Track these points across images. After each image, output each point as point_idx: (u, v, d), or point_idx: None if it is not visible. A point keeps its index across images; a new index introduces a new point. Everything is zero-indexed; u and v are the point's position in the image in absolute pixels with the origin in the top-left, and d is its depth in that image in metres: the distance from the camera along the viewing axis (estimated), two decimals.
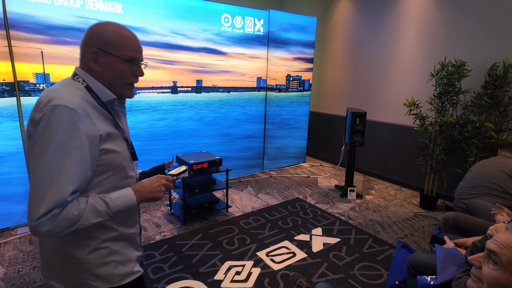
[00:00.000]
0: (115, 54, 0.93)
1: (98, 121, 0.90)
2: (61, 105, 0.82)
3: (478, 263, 0.86)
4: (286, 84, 4.53)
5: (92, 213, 0.87)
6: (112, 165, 0.94)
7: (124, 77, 0.97)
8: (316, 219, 3.11)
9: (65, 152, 0.82)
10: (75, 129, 0.83)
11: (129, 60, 0.95)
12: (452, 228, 2.09)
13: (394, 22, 4.02)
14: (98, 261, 0.96)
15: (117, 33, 0.93)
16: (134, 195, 0.96)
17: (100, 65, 0.93)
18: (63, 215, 0.82)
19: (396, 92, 4.10)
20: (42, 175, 0.81)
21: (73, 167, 0.83)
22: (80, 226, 0.85)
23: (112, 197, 0.91)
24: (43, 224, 0.80)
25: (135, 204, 0.97)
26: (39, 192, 0.81)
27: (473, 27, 3.28)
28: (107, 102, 0.96)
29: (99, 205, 0.89)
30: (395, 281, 1.91)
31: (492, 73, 2.93)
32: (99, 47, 0.92)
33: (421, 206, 3.49)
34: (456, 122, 3.13)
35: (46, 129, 0.82)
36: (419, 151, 3.78)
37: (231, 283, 2.13)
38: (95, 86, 0.94)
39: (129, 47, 0.95)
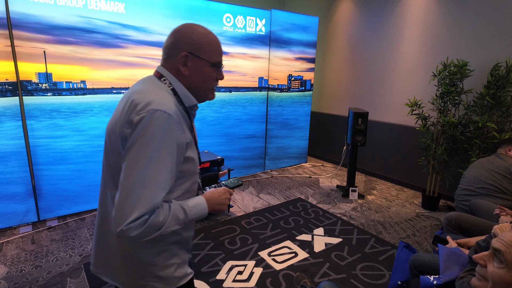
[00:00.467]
0: (203, 58, 0.92)
1: (185, 128, 0.90)
2: (160, 110, 0.81)
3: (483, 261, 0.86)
4: (288, 84, 4.53)
5: (173, 220, 0.86)
6: (190, 172, 0.95)
7: (210, 81, 0.96)
8: (318, 219, 3.11)
9: (161, 158, 0.82)
10: (171, 135, 0.83)
11: (215, 64, 0.95)
12: (455, 228, 2.08)
13: (396, 22, 4.01)
14: (162, 263, 0.96)
15: (206, 37, 0.93)
16: (206, 204, 0.95)
17: (189, 68, 0.93)
18: (150, 221, 0.81)
19: (398, 92, 4.09)
20: (137, 180, 0.80)
21: (166, 173, 0.83)
22: (163, 232, 0.84)
23: (190, 205, 0.91)
24: (133, 229, 0.79)
25: (206, 213, 0.96)
26: (132, 196, 0.79)
27: (476, 27, 3.28)
28: (189, 107, 0.96)
29: (179, 212, 0.88)
30: (397, 281, 1.90)
31: (495, 73, 2.92)
32: (189, 50, 0.91)
33: (423, 206, 3.49)
34: (458, 122, 3.12)
35: (144, 133, 0.81)
36: (421, 151, 3.77)
37: (233, 283, 2.13)
38: (180, 90, 0.93)
39: (216, 51, 0.95)
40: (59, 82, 2.79)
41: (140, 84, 0.92)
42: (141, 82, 0.94)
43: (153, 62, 3.24)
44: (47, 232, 2.74)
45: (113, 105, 3.10)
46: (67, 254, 2.42)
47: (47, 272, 2.20)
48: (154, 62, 3.25)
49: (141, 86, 0.91)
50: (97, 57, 2.91)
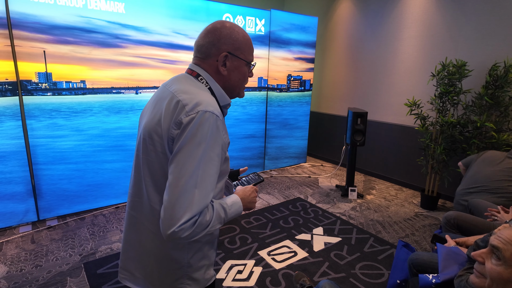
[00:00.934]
0: (242, 58, 0.93)
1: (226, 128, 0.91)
2: (209, 112, 0.82)
3: (481, 258, 0.87)
4: (287, 84, 4.54)
5: (217, 219, 0.87)
6: (226, 171, 0.96)
7: (244, 80, 0.98)
8: (317, 218, 3.12)
9: (210, 159, 0.82)
10: (218, 136, 0.84)
11: (250, 64, 0.97)
12: (453, 227, 2.09)
13: (395, 22, 4.03)
14: (196, 265, 0.97)
15: (243, 37, 0.94)
16: (241, 203, 0.96)
17: (227, 68, 0.93)
18: (200, 221, 0.81)
19: (397, 92, 4.11)
20: (188, 181, 0.80)
21: (214, 173, 0.84)
22: (208, 231, 0.85)
23: (228, 203, 0.92)
24: (185, 229, 0.79)
25: (241, 212, 0.97)
26: (185, 198, 0.79)
27: (474, 27, 3.29)
28: (223, 106, 0.97)
29: (221, 211, 0.88)
30: (396, 280, 1.91)
31: (493, 73, 2.94)
32: (229, 50, 0.91)
33: (422, 206, 3.50)
34: (457, 122, 3.14)
35: (195, 135, 0.81)
36: (420, 151, 3.79)
37: (232, 282, 2.14)
38: (217, 89, 0.94)
39: (251, 50, 0.96)
40: (59, 82, 2.79)
41: (180, 84, 0.91)
42: (179, 81, 0.93)
43: (153, 62, 3.24)
44: (47, 232, 2.74)
45: (113, 104, 3.10)
46: (67, 253, 2.42)
47: (47, 271, 2.20)
48: (154, 62, 3.25)
49: (183, 85, 0.90)
50: (97, 57, 2.91)
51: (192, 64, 0.95)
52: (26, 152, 2.73)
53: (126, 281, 1.02)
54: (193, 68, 0.94)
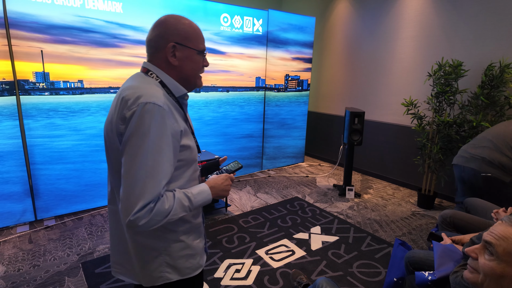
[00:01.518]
0: (191, 47, 0.95)
1: (177, 117, 0.92)
2: (150, 102, 0.84)
3: (474, 254, 0.88)
4: (285, 84, 4.55)
5: (179, 207, 0.90)
6: (189, 160, 0.98)
7: (198, 69, 1.00)
8: (315, 218, 3.13)
9: (158, 148, 0.85)
10: (164, 126, 0.86)
11: (201, 52, 0.98)
12: (450, 225, 2.11)
13: (392, 22, 4.05)
14: (175, 253, 1.00)
15: (190, 26, 0.95)
16: (210, 191, 0.99)
17: (178, 59, 0.95)
18: (157, 209, 0.85)
19: (394, 92, 4.13)
20: (138, 171, 0.83)
21: (165, 162, 0.86)
22: (170, 220, 0.88)
23: (194, 192, 0.95)
24: (141, 218, 0.83)
25: (210, 200, 1.01)
26: (136, 187, 0.83)
27: (470, 27, 3.32)
28: (179, 97, 0.98)
29: (184, 199, 0.92)
30: (393, 278, 1.92)
31: (489, 73, 2.96)
32: (177, 41, 0.93)
33: (418, 205, 3.52)
34: (453, 122, 3.16)
35: (138, 127, 0.83)
36: (417, 150, 3.81)
37: (231, 281, 2.14)
38: (168, 81, 0.95)
39: (201, 39, 0.97)
40: (56, 82, 2.79)
41: (129, 81, 0.95)
42: (130, 79, 0.97)
43: None
44: (44, 232, 2.73)
45: (110, 103, 3.10)
46: (65, 253, 2.42)
47: (44, 271, 2.20)
48: None
49: (130, 82, 0.93)
50: (95, 56, 2.91)
51: (144, 62, 0.98)
52: (23, 152, 2.72)
53: (119, 275, 1.05)
54: (144, 65, 0.97)
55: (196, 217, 1.07)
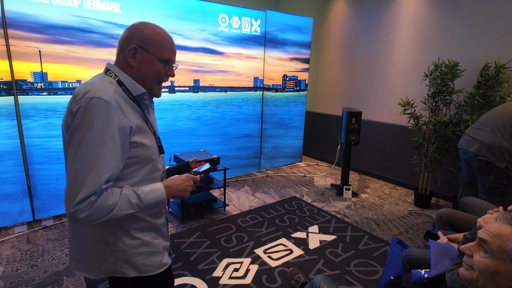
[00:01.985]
0: (152, 53, 0.98)
1: (129, 114, 0.94)
2: (96, 97, 0.86)
3: (469, 251, 0.90)
4: (283, 84, 4.57)
5: (126, 204, 0.91)
6: (143, 158, 0.98)
7: (158, 75, 1.02)
8: (312, 217, 3.15)
9: (101, 141, 0.86)
10: (109, 120, 0.87)
11: (164, 60, 1.00)
12: (446, 224, 2.13)
13: (389, 23, 4.08)
14: (130, 250, 1.01)
15: (158, 34, 0.99)
16: (164, 190, 1.00)
17: (137, 60, 0.98)
18: (99, 203, 0.86)
19: (391, 92, 4.16)
20: (80, 163, 0.85)
21: (108, 156, 0.87)
22: (114, 215, 0.89)
23: (145, 190, 0.96)
24: (80, 210, 0.84)
25: (165, 200, 1.02)
26: (77, 179, 0.85)
27: (466, 28, 3.35)
28: (137, 96, 1.00)
29: (132, 197, 0.93)
30: (390, 276, 1.94)
31: (484, 74, 2.99)
32: (139, 44, 0.97)
33: (415, 204, 3.55)
34: (450, 122, 3.19)
35: (83, 120, 0.86)
36: (414, 150, 3.84)
37: (229, 280, 2.15)
38: (126, 80, 0.98)
39: (166, 49, 1.00)
40: (54, 82, 2.78)
41: (86, 81, 0.98)
42: (91, 78, 1.00)
43: None
44: (42, 232, 2.73)
45: None
46: (63, 253, 2.42)
47: (43, 271, 2.20)
48: None
49: (87, 80, 0.97)
50: (93, 56, 2.91)
51: (107, 62, 1.03)
52: (21, 152, 2.72)
53: (76, 270, 1.06)
54: (106, 65, 1.01)
55: (156, 217, 1.08)
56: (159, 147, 1.08)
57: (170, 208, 3.15)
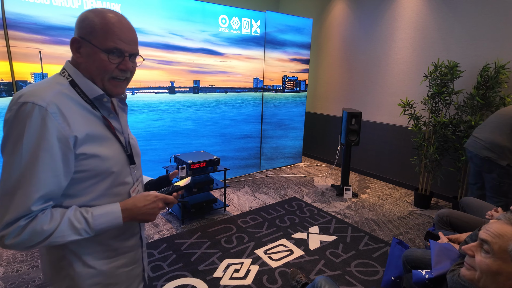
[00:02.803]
0: (93, 43, 0.81)
1: (76, 121, 0.79)
2: (29, 102, 0.73)
3: (471, 252, 0.90)
4: (283, 85, 4.57)
5: (68, 229, 0.76)
6: (97, 171, 0.82)
7: (105, 70, 0.83)
8: (312, 217, 3.15)
9: (33, 156, 0.72)
10: (44, 130, 0.72)
11: (109, 51, 0.82)
12: (446, 224, 2.13)
13: (388, 24, 4.09)
14: (81, 280, 0.87)
15: (101, 19, 0.81)
16: (121, 214, 0.83)
17: (82, 55, 0.83)
18: (31, 228, 0.72)
19: (390, 92, 4.16)
20: (7, 181, 0.72)
21: (42, 172, 0.72)
22: (54, 242, 0.75)
23: (95, 213, 0.80)
24: (7, 236, 0.71)
25: (121, 224, 0.84)
26: (3, 200, 0.72)
27: (466, 28, 3.36)
28: (95, 98, 0.85)
29: (78, 220, 0.77)
30: (391, 276, 1.95)
31: (484, 74, 3.00)
32: (80, 35, 0.82)
33: (415, 204, 3.55)
34: (449, 122, 3.20)
35: (12, 130, 0.73)
36: (413, 150, 3.84)
37: (230, 281, 2.16)
38: (80, 81, 0.83)
39: (110, 36, 0.81)
40: None
41: None
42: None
43: (149, 62, 3.25)
44: None
45: None
46: None
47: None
48: (150, 63, 3.26)
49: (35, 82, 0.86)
50: None
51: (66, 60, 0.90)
52: None
53: None
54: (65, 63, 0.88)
55: (121, 240, 0.93)
56: (128, 157, 0.92)
57: (171, 209, 3.15)
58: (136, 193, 0.96)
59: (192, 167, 2.87)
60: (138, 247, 1.00)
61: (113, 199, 0.87)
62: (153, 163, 3.46)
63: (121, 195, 0.90)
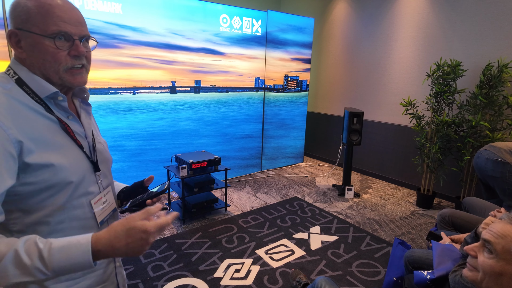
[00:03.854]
0: (33, 31, 0.69)
1: (23, 125, 0.67)
2: None
3: (473, 252, 0.89)
4: (284, 85, 4.56)
5: (14, 266, 0.59)
6: (51, 182, 0.70)
7: (56, 61, 0.72)
8: (314, 217, 3.14)
9: None
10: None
11: (53, 36, 0.70)
12: (448, 224, 2.12)
13: (390, 23, 4.06)
14: None
15: (35, 1, 0.70)
16: (90, 249, 0.63)
17: (25, 49, 0.71)
18: None
19: (392, 92, 4.14)
20: None
21: None
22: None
23: (55, 245, 0.62)
24: None
25: (89, 264, 0.63)
26: None
27: (468, 27, 3.34)
28: (47, 98, 0.74)
29: (28, 254, 0.60)
30: (392, 277, 1.93)
31: (487, 73, 2.98)
32: (16, 25, 0.70)
33: (418, 204, 3.53)
34: (452, 122, 3.17)
35: None
36: (416, 150, 3.82)
37: (230, 281, 2.15)
38: (28, 79, 0.72)
39: (51, 18, 0.70)
40: None
41: None
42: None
43: (150, 62, 3.25)
44: None
45: (110, 105, 3.10)
46: None
47: None
48: (151, 63, 3.26)
49: None
50: (94, 57, 2.91)
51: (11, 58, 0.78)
52: None
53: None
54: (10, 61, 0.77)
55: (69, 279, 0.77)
56: (93, 164, 0.81)
57: (172, 208, 3.15)
58: (102, 204, 0.84)
59: (193, 167, 2.86)
60: (108, 263, 0.86)
61: (75, 212, 0.76)
62: (154, 163, 3.46)
63: (83, 207, 0.79)
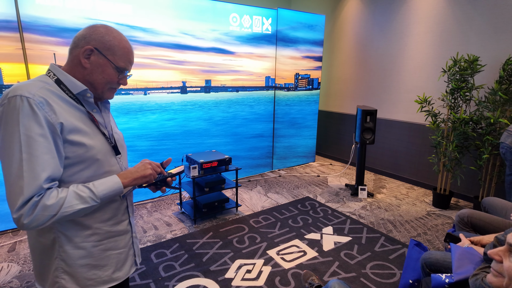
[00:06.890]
0: (109, 59, 0.95)
1: (61, 111, 0.88)
2: (17, 95, 0.82)
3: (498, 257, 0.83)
4: (295, 83, 4.51)
5: (75, 199, 0.85)
6: (83, 158, 0.91)
7: (110, 82, 0.98)
8: (326, 218, 3.09)
9: (31, 140, 0.81)
10: (35, 116, 0.82)
11: (119, 69, 0.98)
12: (467, 226, 2.04)
13: (404, 18, 3.96)
14: (71, 261, 0.95)
15: (119, 41, 0.96)
16: (119, 178, 0.94)
17: (90, 62, 0.94)
18: (43, 203, 0.81)
19: (407, 89, 4.04)
20: (14, 167, 0.81)
21: (43, 154, 0.82)
22: (64, 213, 0.84)
23: (96, 183, 0.91)
24: (25, 214, 0.79)
25: (121, 188, 0.94)
26: (15, 184, 0.80)
27: (486, 21, 3.21)
28: (78, 94, 0.95)
29: (82, 191, 0.87)
30: (408, 279, 1.87)
31: (507, 68, 2.86)
32: (97, 46, 0.93)
33: (434, 204, 3.43)
34: (470, 119, 3.06)
35: (7, 122, 0.82)
36: (431, 148, 3.72)
37: (242, 281, 2.13)
38: (65, 78, 0.93)
39: (124, 58, 0.98)
40: None
41: None
42: None
43: (161, 62, 3.26)
44: None
45: (122, 105, 3.13)
46: None
47: None
48: (162, 63, 3.27)
49: None
50: None
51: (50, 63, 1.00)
52: None
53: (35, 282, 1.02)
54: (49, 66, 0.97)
55: (110, 225, 1.01)
56: (113, 148, 1.02)
57: (183, 208, 3.15)
58: None
59: (203, 167, 2.86)
60: (127, 232, 1.09)
61: None
62: None
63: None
